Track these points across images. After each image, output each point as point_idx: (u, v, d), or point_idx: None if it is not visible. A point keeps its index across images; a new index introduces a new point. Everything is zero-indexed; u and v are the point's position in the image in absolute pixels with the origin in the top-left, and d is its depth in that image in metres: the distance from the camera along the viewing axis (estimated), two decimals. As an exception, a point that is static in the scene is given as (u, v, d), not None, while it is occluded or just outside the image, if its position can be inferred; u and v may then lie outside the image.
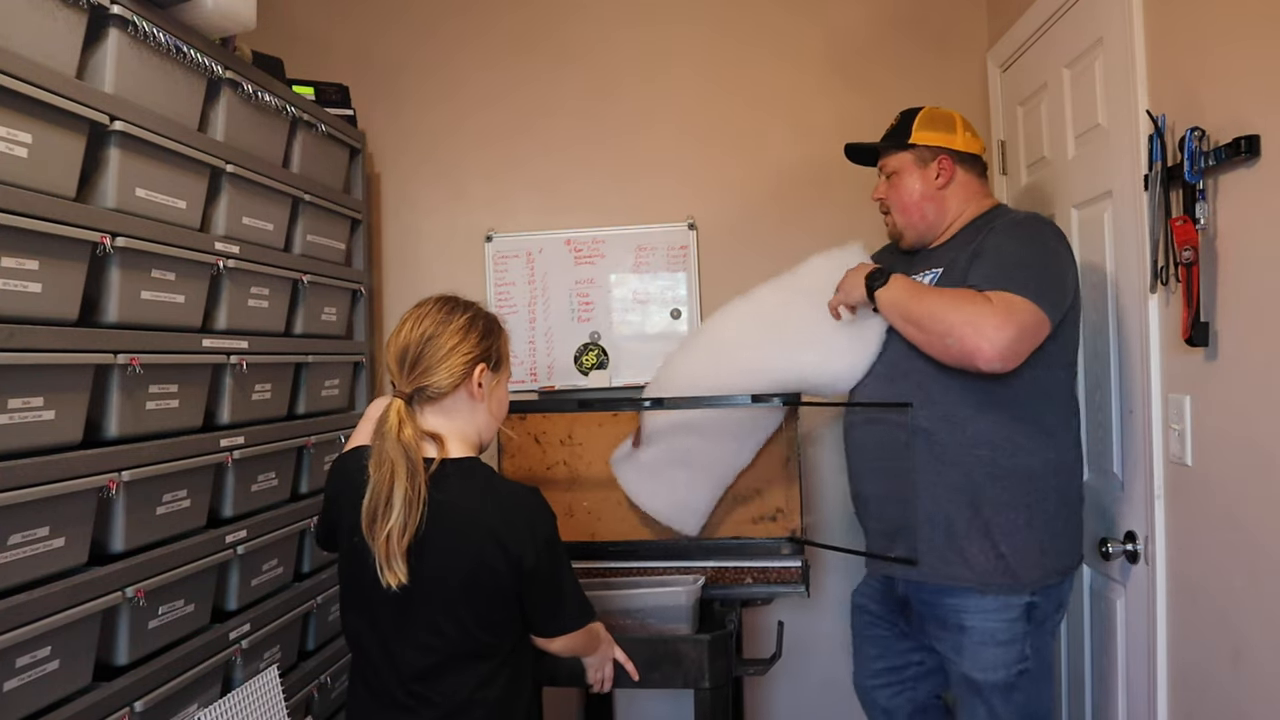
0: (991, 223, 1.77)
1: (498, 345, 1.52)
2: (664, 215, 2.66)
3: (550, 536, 1.47)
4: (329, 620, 2.24)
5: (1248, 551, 1.44)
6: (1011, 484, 1.67)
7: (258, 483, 1.96)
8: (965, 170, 1.85)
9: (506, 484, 1.50)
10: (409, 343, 1.44)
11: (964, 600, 1.70)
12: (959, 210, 1.84)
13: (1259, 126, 1.37)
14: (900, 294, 1.70)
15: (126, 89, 1.55)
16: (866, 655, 2.00)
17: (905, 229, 1.88)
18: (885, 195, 1.90)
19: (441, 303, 1.49)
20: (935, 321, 1.62)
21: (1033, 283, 1.60)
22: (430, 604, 1.41)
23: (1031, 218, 1.77)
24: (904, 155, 1.85)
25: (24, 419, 1.33)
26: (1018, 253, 1.67)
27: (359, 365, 2.49)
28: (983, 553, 1.67)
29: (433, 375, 1.43)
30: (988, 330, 1.55)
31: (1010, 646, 1.68)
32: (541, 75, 2.70)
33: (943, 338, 1.60)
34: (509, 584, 1.43)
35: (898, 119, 1.91)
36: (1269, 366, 1.38)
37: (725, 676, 1.84)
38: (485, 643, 1.45)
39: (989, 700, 1.70)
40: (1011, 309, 1.56)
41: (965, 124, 1.88)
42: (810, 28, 2.65)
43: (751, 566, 2.02)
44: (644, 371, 2.64)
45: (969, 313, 1.58)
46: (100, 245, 1.47)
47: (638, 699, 2.68)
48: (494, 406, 1.53)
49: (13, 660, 1.29)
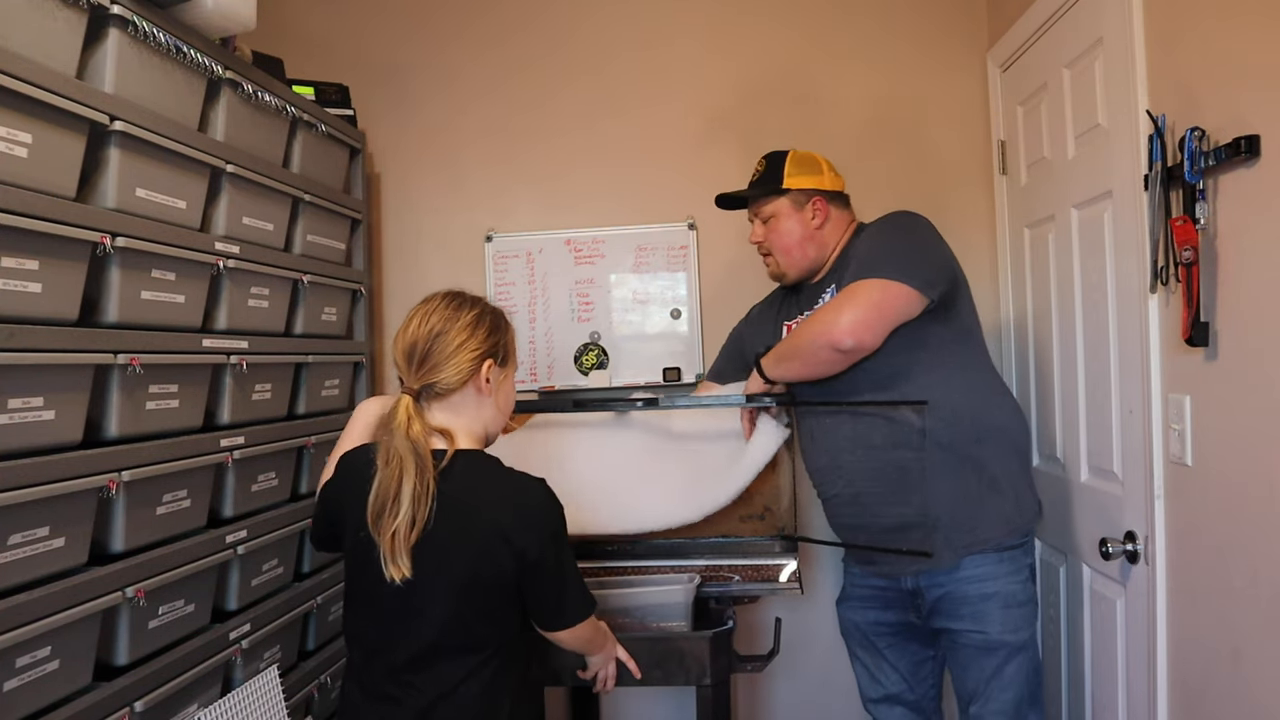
0: (860, 234, 1.93)
1: (505, 340, 1.53)
2: (664, 215, 2.67)
3: (556, 530, 1.46)
4: (329, 620, 2.24)
5: (1248, 551, 1.44)
6: (996, 435, 1.84)
7: (258, 483, 1.96)
8: (835, 207, 1.97)
9: (514, 475, 1.48)
10: (416, 339, 1.45)
11: (983, 567, 1.80)
12: (834, 242, 1.97)
13: (1259, 126, 1.37)
14: (774, 349, 1.88)
15: (126, 89, 1.55)
16: (883, 661, 2.02)
17: (789, 269, 1.98)
18: (764, 239, 1.99)
19: (449, 298, 1.49)
20: (795, 344, 1.81)
21: (884, 266, 1.73)
22: (433, 596, 1.41)
23: (889, 215, 1.90)
24: (780, 200, 1.96)
25: (24, 419, 1.33)
26: (873, 246, 1.82)
27: (359, 365, 2.49)
28: (1005, 502, 1.82)
29: (441, 371, 1.44)
30: (835, 317, 1.71)
31: (1028, 606, 1.83)
32: (542, 74, 2.70)
33: (810, 345, 1.75)
34: (511, 577, 1.43)
35: (764, 165, 2.00)
36: (1269, 366, 1.38)
37: (726, 673, 1.84)
38: (481, 635, 1.44)
39: (1014, 660, 1.81)
40: (855, 292, 1.72)
41: (828, 164, 1.99)
42: (810, 28, 2.65)
43: (745, 564, 2.03)
44: (644, 371, 2.65)
45: (820, 318, 1.77)
46: (100, 245, 1.47)
47: (624, 696, 2.68)
48: (501, 401, 1.54)
49: (13, 660, 1.29)
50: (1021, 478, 1.89)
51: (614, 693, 2.65)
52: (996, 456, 1.83)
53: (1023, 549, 1.84)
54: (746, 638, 2.60)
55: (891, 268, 1.72)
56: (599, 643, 1.68)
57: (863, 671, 2.07)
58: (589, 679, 1.75)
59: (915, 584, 1.87)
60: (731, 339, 2.22)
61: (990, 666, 1.81)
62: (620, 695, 2.68)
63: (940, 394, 1.77)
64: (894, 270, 1.72)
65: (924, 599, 1.87)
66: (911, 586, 1.89)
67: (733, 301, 2.61)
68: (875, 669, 2.03)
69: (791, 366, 1.83)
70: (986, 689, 1.82)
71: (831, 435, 1.90)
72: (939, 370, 1.80)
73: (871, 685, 2.05)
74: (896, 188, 2.53)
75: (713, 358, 2.63)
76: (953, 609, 1.83)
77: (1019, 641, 1.81)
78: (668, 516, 1.98)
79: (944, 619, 1.85)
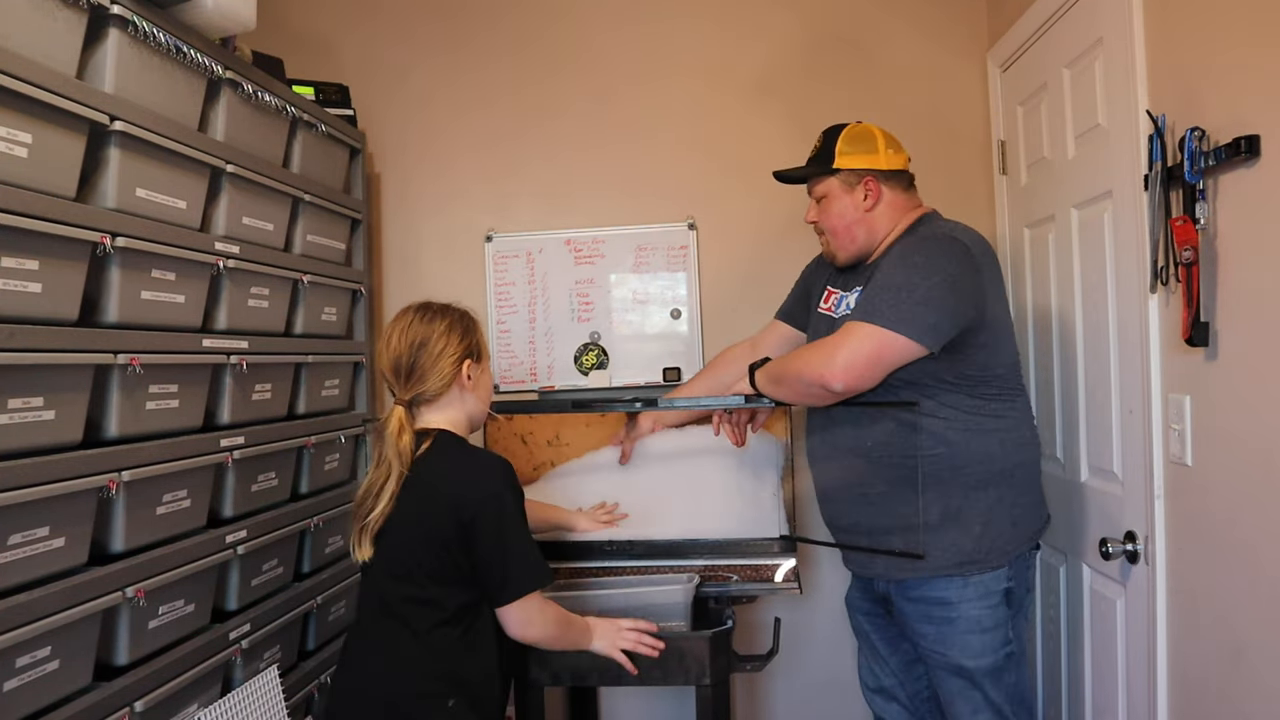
0: (914, 234, 1.84)
1: (476, 339, 1.68)
2: (664, 215, 2.67)
3: (497, 492, 1.55)
4: (329, 620, 2.24)
5: (1248, 551, 1.44)
6: (974, 468, 1.75)
7: (258, 483, 1.96)
8: (891, 188, 1.88)
9: (474, 451, 1.64)
10: (399, 353, 1.61)
11: (947, 591, 1.75)
12: (889, 226, 1.88)
13: (1259, 126, 1.37)
14: (769, 367, 1.87)
15: (126, 89, 1.55)
16: (877, 653, 2.03)
17: (839, 250, 1.92)
18: (818, 219, 1.94)
19: (420, 311, 1.65)
20: (789, 372, 1.78)
21: (886, 311, 1.67)
22: (392, 560, 1.57)
23: (929, 243, 1.77)
24: (830, 181, 1.89)
25: (24, 419, 1.33)
26: (887, 281, 1.73)
27: (359, 365, 2.49)
28: (963, 536, 1.74)
29: (426, 381, 1.61)
30: (830, 358, 1.68)
31: (996, 632, 1.76)
32: (542, 75, 2.70)
33: (802, 379, 1.73)
34: (453, 535, 1.53)
35: (820, 141, 1.93)
36: (1269, 366, 1.38)
37: (725, 673, 1.84)
38: (429, 598, 1.55)
39: (981, 686, 1.76)
40: (852, 335, 1.68)
41: (887, 139, 1.90)
42: (811, 27, 2.65)
43: (744, 564, 2.03)
44: (644, 371, 2.65)
45: (813, 353, 1.75)
46: (100, 245, 1.47)
47: (623, 696, 2.68)
48: (481, 392, 1.70)
49: (13, 660, 1.29)
50: (999, 513, 1.76)
51: (613, 692, 2.66)
52: (969, 490, 1.75)
53: (994, 575, 1.75)
54: (746, 637, 2.60)
55: (893, 315, 1.65)
56: (564, 635, 1.67)
57: (863, 660, 2.08)
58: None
59: (886, 590, 1.87)
60: (802, 277, 2.18)
61: (956, 687, 1.79)
62: (620, 695, 2.68)
63: (932, 423, 1.74)
64: (895, 319, 1.65)
65: (894, 607, 1.87)
66: (883, 591, 1.89)
67: (733, 301, 2.62)
68: (872, 659, 2.05)
69: (782, 392, 1.83)
70: (955, 709, 1.81)
71: (825, 437, 1.90)
72: (935, 402, 1.75)
73: (869, 675, 2.06)
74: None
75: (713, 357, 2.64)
76: (917, 626, 1.82)
77: (984, 667, 1.75)
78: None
79: (911, 633, 1.85)
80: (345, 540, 2.38)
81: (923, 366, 1.72)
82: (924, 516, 1.74)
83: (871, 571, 1.90)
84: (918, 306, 1.66)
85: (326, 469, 2.28)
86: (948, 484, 1.75)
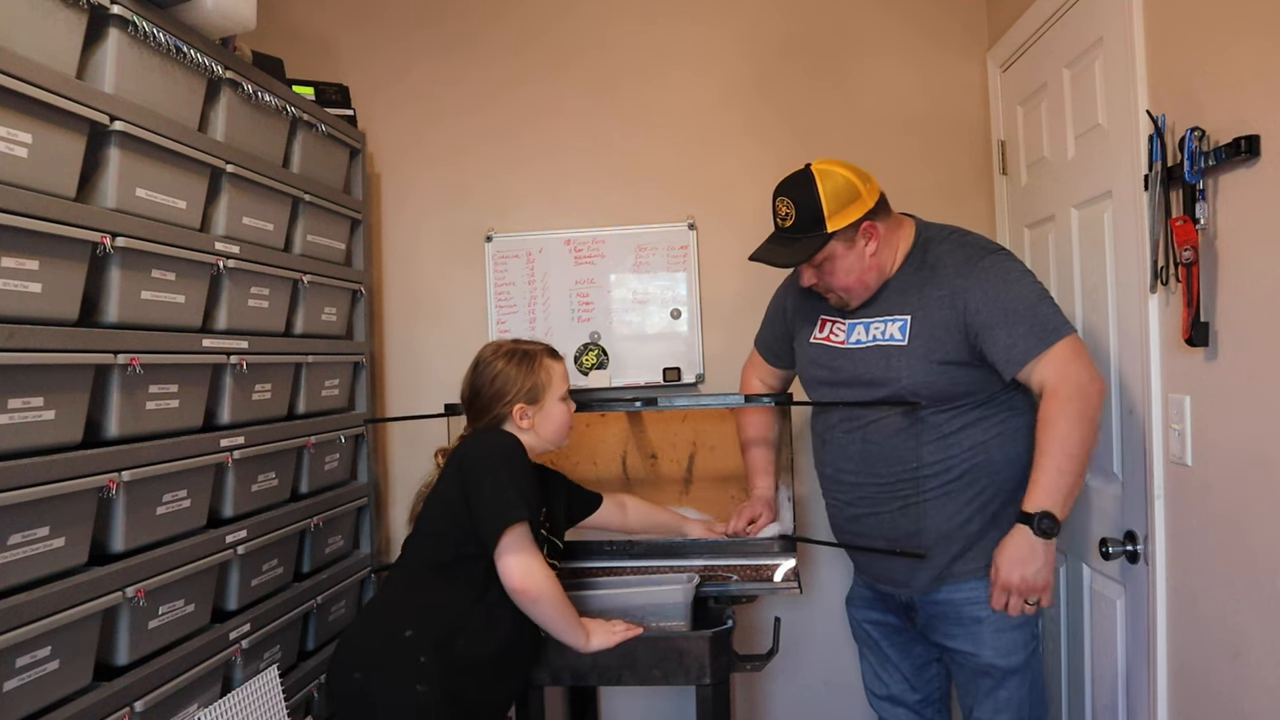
0: (929, 250, 1.80)
1: (536, 381, 1.77)
2: (664, 215, 2.67)
3: (493, 447, 1.70)
4: (329, 620, 2.24)
5: (1247, 551, 1.44)
6: (1007, 471, 1.76)
7: (258, 483, 1.96)
8: (883, 220, 1.81)
9: (495, 430, 1.77)
10: (463, 392, 1.82)
11: (976, 590, 1.76)
12: (893, 255, 1.83)
13: (1259, 126, 1.37)
14: (1057, 492, 1.62)
15: (126, 89, 1.55)
16: (886, 660, 2.01)
17: (852, 300, 1.84)
18: (818, 280, 1.83)
19: (494, 349, 1.81)
20: (1075, 432, 1.62)
21: (1054, 316, 1.69)
22: (416, 522, 1.78)
23: (980, 249, 1.78)
24: (830, 245, 1.76)
25: (24, 419, 1.33)
26: (1020, 302, 1.69)
27: (359, 365, 2.49)
28: (1001, 536, 1.69)
29: (481, 420, 1.79)
30: (1080, 375, 1.65)
31: (1024, 629, 1.77)
32: (541, 75, 2.70)
33: (1089, 421, 1.64)
34: (455, 486, 1.67)
35: (793, 208, 1.78)
36: (1269, 366, 1.38)
37: (726, 673, 1.84)
38: (428, 542, 1.70)
39: (1007, 683, 1.78)
40: (1069, 354, 1.66)
41: (858, 174, 1.79)
42: (811, 27, 2.65)
43: (744, 564, 2.03)
44: (644, 371, 2.65)
45: (1072, 391, 1.63)
46: (100, 245, 1.47)
47: (623, 696, 2.68)
48: (544, 430, 1.80)
49: (13, 660, 1.29)
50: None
51: (613, 692, 2.66)
52: (1007, 493, 1.75)
53: None
54: (746, 637, 2.60)
55: (1059, 318, 1.69)
56: (560, 601, 1.67)
57: (868, 668, 2.06)
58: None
59: (909, 597, 1.87)
60: (779, 312, 2.09)
61: (984, 687, 1.80)
62: (620, 695, 2.68)
63: (973, 432, 1.75)
64: (1061, 320, 1.69)
65: (917, 613, 1.87)
66: (906, 599, 1.88)
67: (733, 301, 2.62)
68: (879, 667, 2.03)
69: (1081, 459, 1.63)
70: (981, 709, 1.81)
71: (841, 448, 1.87)
72: (979, 410, 1.76)
73: (875, 682, 2.05)
74: (896, 188, 2.52)
75: (713, 357, 2.64)
76: (945, 628, 1.82)
77: (1012, 665, 1.77)
78: None
79: (938, 635, 1.85)
80: (345, 540, 2.38)
81: (985, 376, 1.73)
82: (968, 525, 1.76)
83: (901, 585, 1.85)
84: (1047, 297, 1.73)
85: (326, 469, 2.28)
86: (987, 489, 1.76)
